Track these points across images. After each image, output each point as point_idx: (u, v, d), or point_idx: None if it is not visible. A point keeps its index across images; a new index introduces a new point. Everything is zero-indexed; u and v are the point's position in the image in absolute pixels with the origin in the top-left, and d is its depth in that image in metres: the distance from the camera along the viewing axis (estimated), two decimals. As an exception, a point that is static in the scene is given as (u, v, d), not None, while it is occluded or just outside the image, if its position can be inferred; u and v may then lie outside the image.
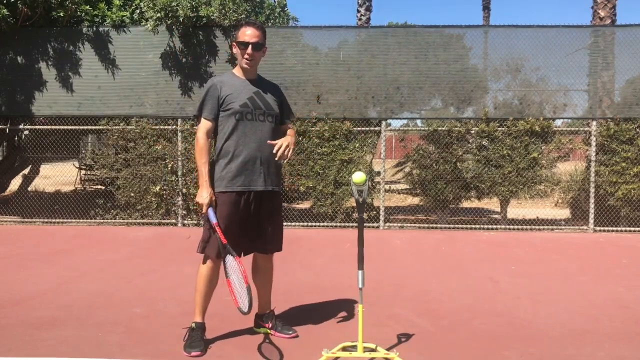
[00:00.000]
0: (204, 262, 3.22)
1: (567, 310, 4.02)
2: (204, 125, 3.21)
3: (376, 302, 4.16)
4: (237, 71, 3.32)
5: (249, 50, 3.19)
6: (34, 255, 5.93)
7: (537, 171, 7.81)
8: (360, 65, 8.03)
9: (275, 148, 3.13)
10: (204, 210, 3.13)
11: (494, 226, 8.08)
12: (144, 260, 5.77)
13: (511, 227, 8.03)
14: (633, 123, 7.69)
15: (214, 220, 3.09)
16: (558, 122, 8.29)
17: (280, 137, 3.30)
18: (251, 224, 3.25)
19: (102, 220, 8.14)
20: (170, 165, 7.97)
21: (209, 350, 3.17)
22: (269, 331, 3.45)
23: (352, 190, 3.15)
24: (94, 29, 8.11)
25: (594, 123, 7.80)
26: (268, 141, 3.18)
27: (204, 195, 3.12)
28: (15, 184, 9.98)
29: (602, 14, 9.20)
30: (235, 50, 3.26)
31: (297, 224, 8.10)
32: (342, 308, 4.00)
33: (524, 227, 8.00)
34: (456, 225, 8.06)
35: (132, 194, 7.99)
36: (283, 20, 13.07)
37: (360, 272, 3.06)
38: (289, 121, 3.47)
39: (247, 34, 3.19)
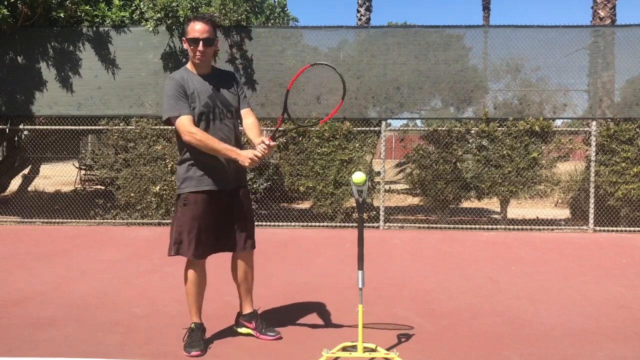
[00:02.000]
0: (187, 264, 3.20)
1: (567, 310, 4.02)
2: (188, 119, 3.05)
3: (376, 302, 4.16)
4: (190, 67, 3.21)
5: (200, 46, 3.08)
6: (34, 255, 5.93)
7: (537, 171, 7.81)
8: (360, 65, 8.03)
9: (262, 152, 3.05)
10: (259, 155, 2.99)
11: (494, 226, 8.08)
12: (144, 260, 5.76)
13: (511, 227, 8.02)
14: (633, 123, 7.69)
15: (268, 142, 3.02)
16: (558, 122, 8.30)
17: (238, 130, 3.25)
18: (226, 222, 3.22)
19: (102, 220, 8.14)
20: (170, 165, 7.97)
21: (209, 350, 3.17)
22: (251, 332, 3.40)
23: (352, 190, 3.15)
24: (94, 29, 8.11)
25: (594, 123, 7.80)
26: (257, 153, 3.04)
27: (246, 155, 3.00)
28: (15, 184, 9.98)
29: (602, 14, 9.20)
30: (186, 46, 3.15)
31: (297, 224, 8.10)
32: (342, 308, 4.00)
33: (524, 227, 8.00)
34: (456, 225, 8.05)
35: (132, 194, 7.99)
36: (283, 20, 13.08)
37: (360, 272, 3.06)
38: (246, 105, 3.33)
39: (197, 29, 3.07)
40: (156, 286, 4.64)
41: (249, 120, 3.29)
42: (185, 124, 3.05)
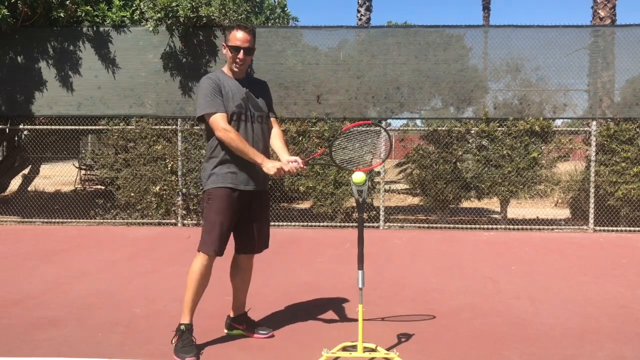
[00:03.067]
0: (198, 259, 3.16)
1: (567, 310, 4.03)
2: (222, 116, 3.11)
3: (376, 302, 4.16)
4: (227, 71, 3.28)
5: (241, 54, 3.17)
6: (34, 255, 5.93)
7: (537, 171, 7.81)
8: (360, 65, 8.03)
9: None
10: (287, 169, 3.08)
11: (494, 226, 8.08)
12: (144, 260, 5.76)
13: (511, 227, 8.02)
14: (633, 123, 7.69)
15: (300, 163, 3.10)
16: (558, 122, 8.30)
17: (268, 135, 3.34)
18: (244, 224, 3.26)
19: (102, 220, 8.14)
20: (170, 165, 7.98)
21: (209, 350, 3.17)
22: (243, 333, 3.42)
23: (352, 190, 3.15)
24: (94, 29, 8.11)
25: (594, 123, 7.80)
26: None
27: (273, 165, 3.08)
28: (15, 184, 9.98)
29: (602, 14, 9.19)
30: (226, 51, 3.23)
31: (297, 224, 8.10)
32: (342, 308, 4.00)
33: (524, 227, 8.00)
34: (456, 225, 8.05)
35: (132, 194, 7.99)
36: (283, 20, 13.08)
37: (360, 272, 3.06)
38: (273, 114, 3.45)
39: (239, 37, 3.17)
40: (156, 286, 4.64)
41: (274, 130, 3.40)
42: (219, 121, 3.10)
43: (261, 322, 3.59)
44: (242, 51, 3.17)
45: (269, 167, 3.08)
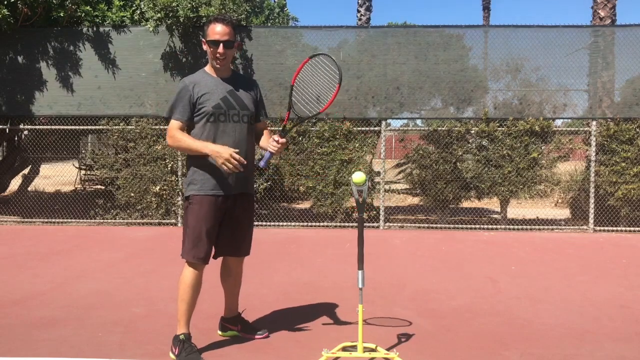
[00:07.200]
0: (186, 268, 3.09)
1: (567, 310, 4.02)
2: (175, 124, 3.08)
3: (376, 302, 4.16)
4: (209, 69, 3.15)
5: (221, 49, 3.02)
6: (34, 255, 5.92)
7: (537, 171, 7.81)
8: (360, 65, 8.03)
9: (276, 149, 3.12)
10: (231, 161, 2.92)
11: (494, 226, 8.08)
12: (144, 260, 5.76)
13: (511, 227, 8.02)
14: (633, 123, 7.69)
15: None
16: (558, 122, 8.30)
17: (252, 136, 3.24)
18: (226, 227, 3.17)
19: (102, 220, 8.14)
20: (170, 165, 7.98)
21: (209, 350, 3.16)
22: (237, 333, 3.40)
23: (352, 190, 3.15)
24: (94, 29, 8.11)
25: (594, 123, 7.80)
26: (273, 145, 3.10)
27: (220, 151, 2.94)
28: (15, 184, 9.98)
29: (602, 14, 9.19)
30: (206, 48, 3.08)
31: (297, 224, 8.10)
32: (343, 308, 4.00)
33: (524, 227, 8.00)
34: (456, 225, 8.05)
35: (132, 194, 7.99)
36: (283, 20, 13.09)
37: (360, 272, 3.06)
38: (264, 118, 3.36)
39: (217, 31, 3.01)
40: (156, 286, 4.64)
41: (262, 133, 3.34)
42: (170, 128, 3.09)
43: (261, 322, 3.59)
44: (221, 45, 3.01)
45: (215, 155, 2.94)
